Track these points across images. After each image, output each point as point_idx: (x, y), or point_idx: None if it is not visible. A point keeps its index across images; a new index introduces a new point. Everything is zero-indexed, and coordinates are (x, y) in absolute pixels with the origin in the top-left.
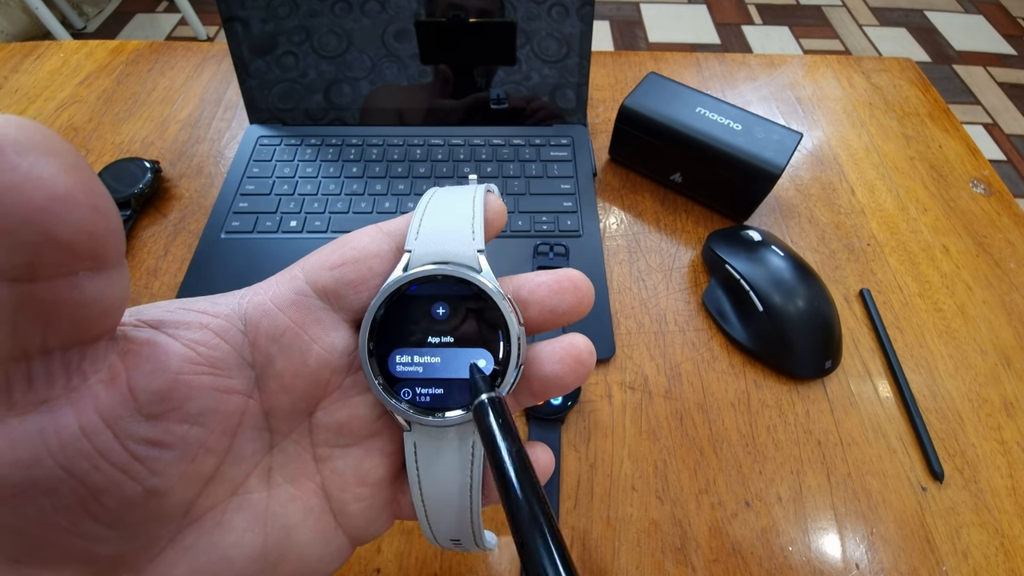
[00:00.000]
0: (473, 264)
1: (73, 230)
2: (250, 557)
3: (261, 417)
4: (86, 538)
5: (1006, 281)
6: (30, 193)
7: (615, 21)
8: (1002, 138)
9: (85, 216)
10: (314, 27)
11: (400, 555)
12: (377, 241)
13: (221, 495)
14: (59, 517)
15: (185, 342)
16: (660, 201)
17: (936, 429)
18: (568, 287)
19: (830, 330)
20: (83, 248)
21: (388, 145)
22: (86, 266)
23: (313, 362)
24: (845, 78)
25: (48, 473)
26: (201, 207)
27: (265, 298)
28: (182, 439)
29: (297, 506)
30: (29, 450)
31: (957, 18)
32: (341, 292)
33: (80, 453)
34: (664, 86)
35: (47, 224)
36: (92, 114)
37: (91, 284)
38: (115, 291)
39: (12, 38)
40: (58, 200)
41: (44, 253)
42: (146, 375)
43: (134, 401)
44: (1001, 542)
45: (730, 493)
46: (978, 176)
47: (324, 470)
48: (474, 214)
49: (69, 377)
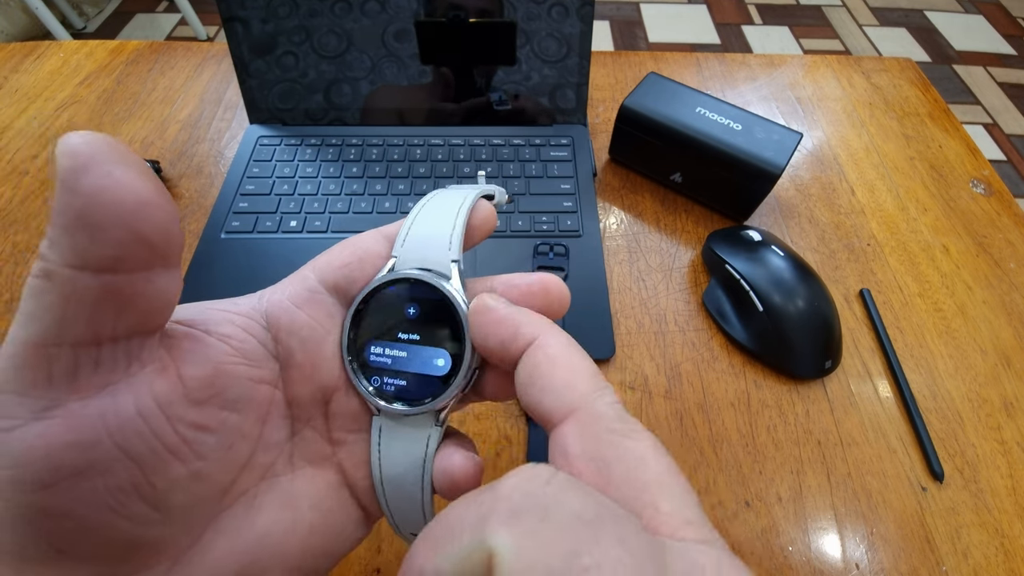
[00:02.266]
0: (446, 272)
1: (155, 230)
2: (284, 533)
3: (285, 407)
4: (133, 520)
5: (1006, 281)
6: (122, 196)
7: (615, 21)
8: (1002, 138)
9: (163, 218)
10: (314, 27)
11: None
12: (378, 243)
13: (252, 480)
14: (111, 497)
15: (218, 336)
16: (660, 201)
17: (936, 429)
18: (537, 291)
19: (830, 330)
20: (160, 246)
21: (388, 145)
22: (160, 263)
23: (329, 353)
24: (845, 78)
25: (105, 454)
26: (201, 207)
27: (282, 296)
28: (223, 424)
29: (319, 483)
30: (90, 432)
31: (957, 18)
32: (348, 288)
33: (136, 433)
34: (664, 86)
35: (135, 223)
36: (92, 114)
37: (160, 279)
38: (174, 287)
39: (12, 38)
40: (145, 204)
41: (130, 248)
42: (192, 364)
43: (183, 387)
44: (1001, 542)
45: (730, 493)
46: (978, 176)
47: (340, 451)
48: (455, 226)
49: (129, 363)
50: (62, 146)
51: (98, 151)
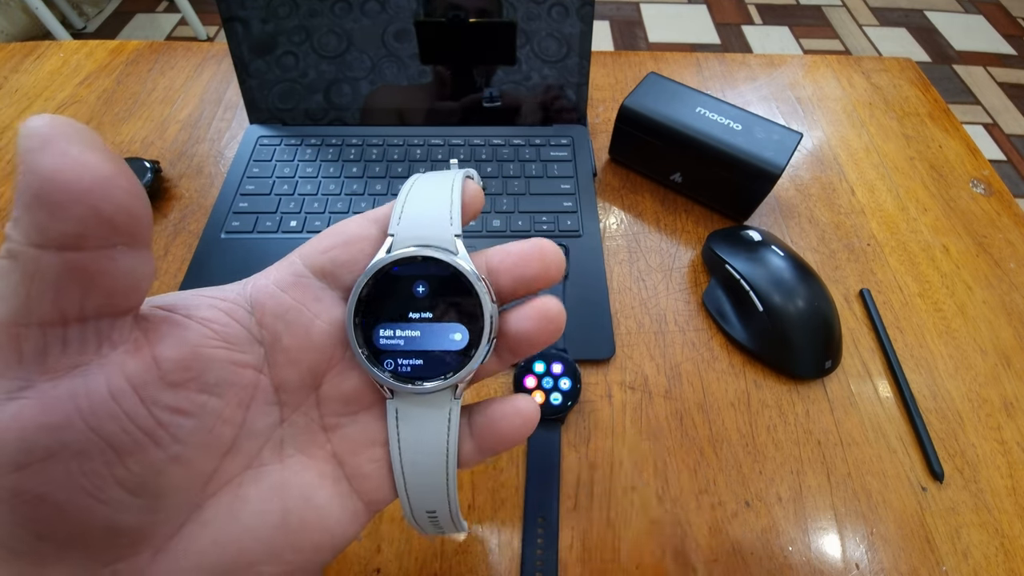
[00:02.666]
0: (451, 247)
1: (115, 208)
2: (271, 526)
3: (272, 392)
4: (111, 505)
5: (1006, 281)
6: (80, 174)
7: (615, 21)
8: (1002, 138)
9: (124, 197)
10: (314, 27)
11: (400, 555)
12: (365, 227)
13: (237, 468)
14: (86, 481)
15: (199, 320)
16: (660, 201)
17: (936, 429)
18: (534, 254)
19: (830, 330)
20: (122, 224)
21: (388, 145)
22: (123, 241)
23: (316, 336)
24: (845, 78)
25: (78, 436)
26: (201, 207)
27: (268, 281)
28: (202, 408)
29: (311, 474)
30: (61, 413)
31: (957, 18)
32: (336, 272)
33: (109, 415)
34: (664, 86)
35: (94, 201)
36: (92, 114)
37: (125, 259)
38: (144, 269)
39: (12, 38)
40: (103, 181)
41: (90, 226)
42: (168, 346)
43: (158, 369)
44: (1001, 542)
45: (730, 493)
46: (978, 176)
47: (334, 438)
48: (452, 200)
49: (100, 344)
50: (24, 128)
51: (57, 132)
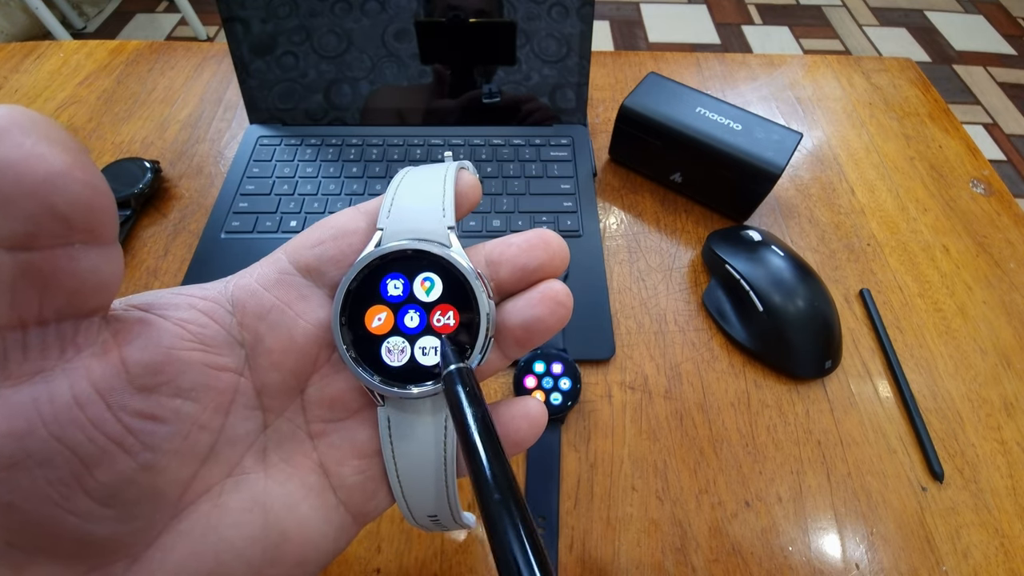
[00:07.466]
0: (444, 240)
1: (70, 203)
2: (251, 538)
3: (253, 396)
4: (81, 516)
5: (1006, 281)
6: (33, 167)
7: (615, 21)
8: (1002, 138)
9: (81, 191)
10: (314, 27)
11: (400, 555)
12: (355, 220)
13: (216, 476)
14: (52, 490)
15: (175, 321)
16: (660, 201)
17: (936, 429)
18: (538, 244)
19: (830, 330)
20: (79, 220)
21: (388, 145)
22: (81, 238)
23: (300, 337)
24: (845, 78)
25: (41, 444)
26: (201, 207)
27: (250, 279)
28: (175, 413)
29: (295, 484)
30: (23, 419)
31: (957, 18)
32: (323, 268)
33: (73, 423)
34: (664, 86)
35: (47, 195)
36: (92, 114)
37: (86, 257)
38: (109, 268)
39: (12, 38)
40: (57, 175)
41: (43, 223)
42: (138, 349)
43: (126, 373)
44: (1001, 542)
45: (730, 493)
46: (978, 176)
47: (320, 446)
48: (444, 192)
49: (63, 349)
50: None
51: (14, 123)
